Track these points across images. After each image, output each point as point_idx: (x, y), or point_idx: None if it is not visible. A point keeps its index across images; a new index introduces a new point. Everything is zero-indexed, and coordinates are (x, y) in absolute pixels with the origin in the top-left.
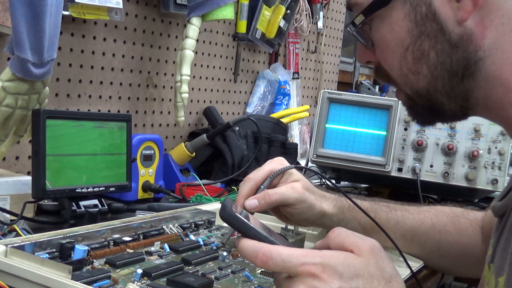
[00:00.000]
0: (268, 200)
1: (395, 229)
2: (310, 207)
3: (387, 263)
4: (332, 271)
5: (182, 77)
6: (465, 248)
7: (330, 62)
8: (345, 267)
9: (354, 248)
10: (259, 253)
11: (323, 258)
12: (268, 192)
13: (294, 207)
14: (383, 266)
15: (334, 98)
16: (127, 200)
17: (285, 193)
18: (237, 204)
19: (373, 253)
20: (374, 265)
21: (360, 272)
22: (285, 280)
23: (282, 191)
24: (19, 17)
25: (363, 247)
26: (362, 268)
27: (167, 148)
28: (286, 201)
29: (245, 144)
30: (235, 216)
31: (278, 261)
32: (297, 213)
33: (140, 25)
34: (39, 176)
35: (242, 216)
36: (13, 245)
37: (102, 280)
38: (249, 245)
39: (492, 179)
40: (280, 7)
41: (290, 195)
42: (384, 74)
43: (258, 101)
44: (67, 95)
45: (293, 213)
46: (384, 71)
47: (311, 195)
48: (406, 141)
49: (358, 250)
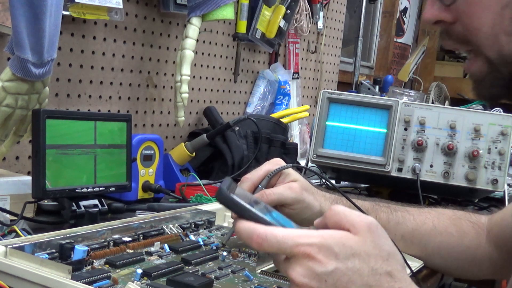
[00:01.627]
0: (266, 200)
1: (396, 230)
2: (309, 207)
3: (384, 241)
4: (327, 251)
5: (182, 77)
6: (467, 250)
7: (330, 62)
8: (340, 247)
9: (350, 226)
10: (254, 235)
11: (318, 239)
12: (266, 192)
13: (292, 207)
14: (380, 244)
15: (334, 98)
16: (127, 200)
17: (283, 193)
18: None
19: (370, 231)
20: (371, 243)
21: (356, 252)
22: (282, 262)
23: (279, 191)
24: (19, 17)
25: (359, 225)
26: (358, 247)
27: (167, 148)
28: (283, 201)
29: (245, 144)
30: (231, 198)
31: (273, 243)
32: (295, 214)
33: (140, 25)
34: (39, 176)
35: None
36: (13, 246)
37: (102, 280)
38: (244, 227)
39: (492, 179)
40: (280, 7)
41: (287, 195)
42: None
43: (258, 101)
44: (67, 95)
45: (291, 214)
46: (459, 32)
47: (309, 195)
48: (406, 141)
49: (354, 229)
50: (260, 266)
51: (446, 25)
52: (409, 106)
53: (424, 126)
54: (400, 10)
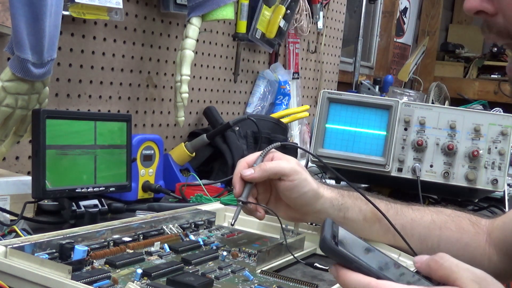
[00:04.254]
0: (264, 167)
1: (395, 220)
2: (307, 181)
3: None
4: None
5: (182, 77)
6: (466, 247)
7: (330, 62)
8: None
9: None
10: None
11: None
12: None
13: (290, 178)
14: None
15: (334, 98)
16: (127, 200)
17: (280, 163)
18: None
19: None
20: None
21: None
22: None
23: (277, 162)
24: (19, 17)
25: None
26: None
27: (167, 148)
28: (282, 171)
29: (245, 144)
30: (337, 250)
31: None
32: (294, 186)
33: (140, 25)
34: (39, 176)
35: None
36: (13, 246)
37: (102, 280)
38: (354, 280)
39: (492, 179)
40: (280, 7)
41: (285, 165)
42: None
43: (258, 101)
44: (67, 95)
45: (291, 188)
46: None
47: (305, 171)
48: (406, 141)
49: (465, 286)
50: (260, 266)
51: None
52: (409, 106)
53: (424, 126)
54: (400, 10)
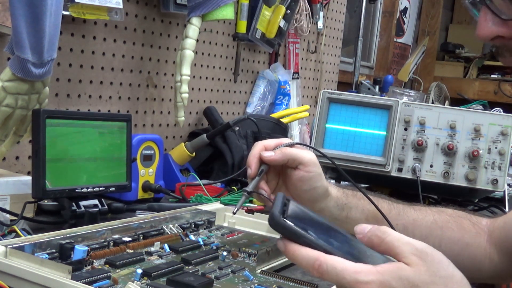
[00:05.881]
0: (285, 151)
1: (397, 220)
2: (321, 176)
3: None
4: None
5: (182, 77)
6: (467, 247)
7: (330, 62)
8: (398, 281)
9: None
10: (315, 264)
11: (376, 276)
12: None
13: (308, 168)
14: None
15: (334, 98)
16: (127, 200)
17: (301, 151)
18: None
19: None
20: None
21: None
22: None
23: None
24: (19, 17)
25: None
26: (414, 279)
27: (167, 148)
28: (301, 159)
29: (245, 144)
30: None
31: (333, 275)
32: (309, 178)
33: (140, 25)
34: (39, 176)
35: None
36: (13, 246)
37: (102, 280)
38: (302, 254)
39: (492, 179)
40: (280, 7)
41: (305, 154)
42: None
43: (258, 101)
44: (67, 95)
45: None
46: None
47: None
48: (406, 141)
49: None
50: (260, 266)
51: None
52: (409, 106)
53: (424, 126)
54: (400, 10)
